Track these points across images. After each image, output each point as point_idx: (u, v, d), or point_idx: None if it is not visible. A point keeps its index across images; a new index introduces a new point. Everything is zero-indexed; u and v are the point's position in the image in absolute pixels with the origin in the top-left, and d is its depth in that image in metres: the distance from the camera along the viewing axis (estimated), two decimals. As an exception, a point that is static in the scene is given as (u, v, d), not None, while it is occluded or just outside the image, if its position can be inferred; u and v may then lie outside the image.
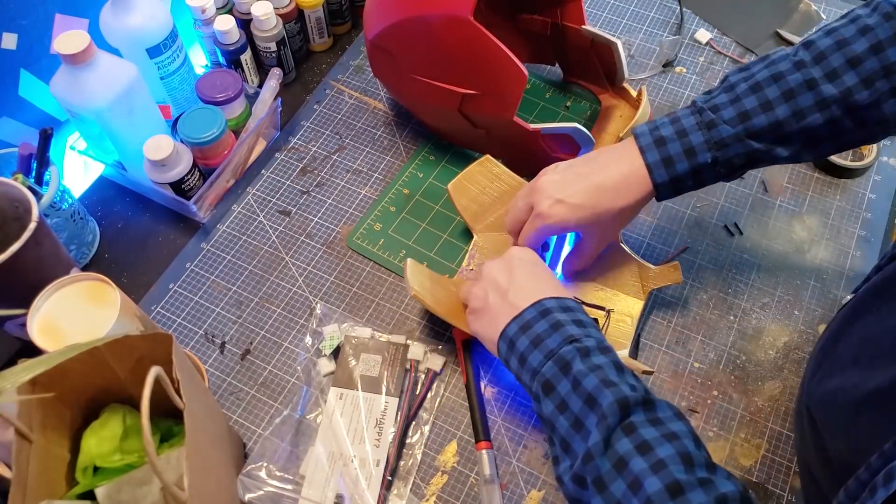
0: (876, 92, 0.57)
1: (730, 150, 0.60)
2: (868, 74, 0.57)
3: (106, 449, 0.54)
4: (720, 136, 0.60)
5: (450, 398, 0.70)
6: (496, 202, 0.75)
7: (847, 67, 0.58)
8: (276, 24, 0.86)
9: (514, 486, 0.65)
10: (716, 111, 0.60)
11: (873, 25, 0.58)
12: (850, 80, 0.58)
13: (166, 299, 0.76)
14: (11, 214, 0.65)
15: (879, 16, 0.58)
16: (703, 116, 0.61)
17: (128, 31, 0.76)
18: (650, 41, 0.97)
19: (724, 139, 0.60)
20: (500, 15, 0.88)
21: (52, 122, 0.82)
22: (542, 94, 0.92)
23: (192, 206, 0.77)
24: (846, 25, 0.59)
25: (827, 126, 0.59)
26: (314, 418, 0.68)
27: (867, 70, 0.57)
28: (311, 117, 0.90)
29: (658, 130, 0.62)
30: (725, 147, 0.60)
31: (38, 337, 0.55)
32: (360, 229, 0.80)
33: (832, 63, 0.58)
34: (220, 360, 0.72)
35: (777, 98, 0.59)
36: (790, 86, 0.59)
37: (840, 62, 0.58)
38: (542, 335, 0.56)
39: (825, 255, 0.79)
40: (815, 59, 0.59)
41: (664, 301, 0.75)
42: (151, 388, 0.42)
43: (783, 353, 0.72)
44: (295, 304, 0.76)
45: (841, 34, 0.59)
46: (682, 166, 0.61)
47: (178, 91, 0.85)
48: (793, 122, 0.59)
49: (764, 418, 0.68)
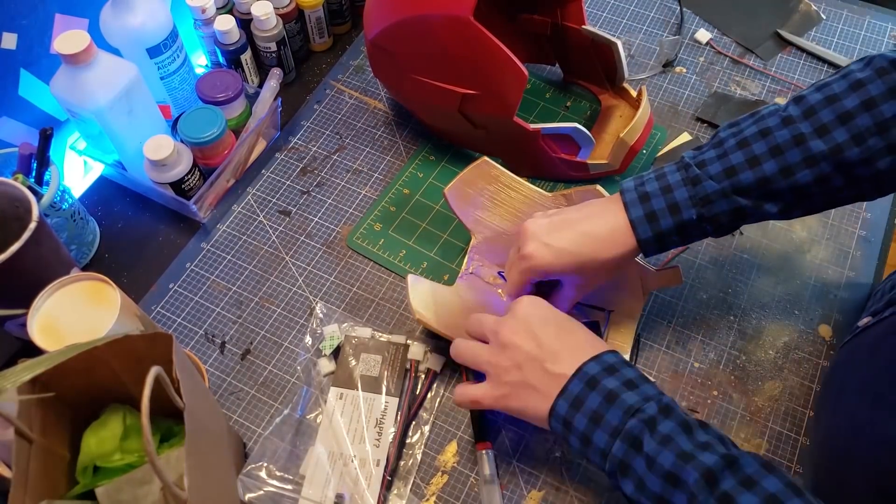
0: (868, 150, 0.56)
1: (715, 207, 0.59)
2: (859, 131, 0.55)
3: (106, 449, 0.54)
4: (705, 192, 0.58)
5: (450, 398, 0.70)
6: (495, 204, 0.75)
7: (837, 123, 0.56)
8: (276, 24, 0.86)
9: (514, 486, 0.65)
10: (702, 167, 0.59)
11: (865, 81, 0.56)
12: (840, 137, 0.56)
13: (166, 299, 0.76)
14: (12, 214, 0.65)
15: (872, 71, 0.56)
16: (688, 172, 0.60)
17: (128, 31, 0.76)
18: (650, 41, 0.97)
19: (708, 195, 0.58)
20: (500, 15, 0.88)
21: (52, 122, 0.82)
22: (542, 94, 0.92)
23: (192, 206, 0.77)
24: (838, 80, 0.58)
25: (816, 183, 0.58)
26: (314, 418, 0.68)
27: (858, 126, 0.55)
28: (312, 117, 0.90)
29: (643, 186, 0.61)
30: (710, 203, 0.59)
31: (38, 337, 0.55)
32: (360, 229, 0.80)
33: (822, 119, 0.57)
34: (220, 360, 0.72)
35: (764, 154, 0.58)
36: (777, 142, 0.57)
37: (830, 118, 0.56)
38: (598, 411, 0.52)
39: (825, 255, 0.79)
40: (805, 114, 0.57)
41: (664, 301, 0.75)
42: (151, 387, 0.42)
43: (783, 353, 0.72)
44: (295, 304, 0.76)
45: (832, 89, 0.57)
46: (666, 223, 0.59)
47: (178, 91, 0.85)
48: (780, 178, 0.57)
49: (764, 418, 0.68)
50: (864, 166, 0.56)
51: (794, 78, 0.93)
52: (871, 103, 0.55)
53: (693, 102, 0.91)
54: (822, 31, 0.98)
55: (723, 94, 0.91)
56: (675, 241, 0.61)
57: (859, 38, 0.97)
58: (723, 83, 0.93)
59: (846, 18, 0.99)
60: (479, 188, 0.75)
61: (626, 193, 0.61)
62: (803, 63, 0.94)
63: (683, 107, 0.91)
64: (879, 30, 0.98)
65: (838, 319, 0.74)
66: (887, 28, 0.98)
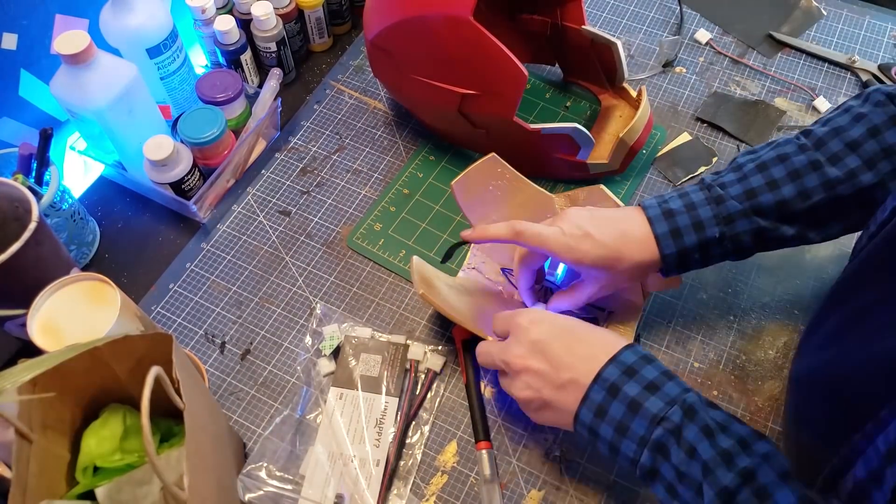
0: (879, 173, 0.58)
1: (737, 226, 0.60)
2: (869, 156, 0.59)
3: (106, 449, 0.54)
4: (728, 212, 0.60)
5: (450, 398, 0.70)
6: (500, 200, 0.75)
7: (848, 151, 0.59)
8: (276, 24, 0.86)
9: (514, 485, 0.65)
10: (724, 188, 0.61)
11: (867, 112, 0.60)
12: (853, 163, 0.59)
13: (166, 299, 0.76)
14: (11, 214, 0.65)
15: (871, 104, 0.60)
16: (711, 192, 0.61)
17: (128, 31, 0.76)
18: (650, 41, 0.97)
19: (731, 214, 0.60)
20: (500, 15, 0.88)
21: (52, 122, 0.82)
22: (542, 94, 0.92)
23: (192, 206, 0.77)
24: (840, 115, 0.61)
25: (833, 206, 0.60)
26: (314, 418, 0.68)
27: (868, 152, 0.59)
28: (311, 117, 0.90)
29: (667, 203, 0.62)
30: (733, 222, 0.60)
31: (38, 337, 0.55)
32: (360, 229, 0.80)
33: (832, 148, 0.60)
34: (220, 360, 0.72)
35: (783, 178, 0.60)
36: (796, 167, 0.60)
37: (839, 147, 0.60)
38: (623, 421, 0.53)
39: (825, 255, 0.79)
40: (816, 144, 0.61)
41: (664, 301, 0.75)
42: (151, 387, 0.42)
43: (783, 352, 0.72)
44: (295, 304, 0.76)
45: (836, 122, 0.61)
46: (690, 239, 0.61)
47: (178, 91, 0.85)
48: (798, 201, 0.60)
49: (764, 418, 0.68)
50: (879, 189, 0.59)
51: (794, 77, 0.93)
52: (876, 131, 0.59)
53: (693, 102, 0.91)
54: (822, 31, 0.98)
55: (723, 94, 0.91)
56: (696, 259, 0.62)
57: (859, 38, 0.97)
58: (723, 83, 0.93)
59: (846, 18, 0.99)
60: (485, 184, 0.75)
61: (649, 209, 0.62)
62: (803, 63, 0.94)
63: (683, 107, 0.91)
64: (879, 30, 0.98)
65: (838, 319, 0.74)
66: (887, 28, 0.98)
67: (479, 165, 0.74)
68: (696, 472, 0.50)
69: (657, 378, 0.54)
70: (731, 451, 0.49)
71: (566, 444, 0.67)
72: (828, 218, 0.61)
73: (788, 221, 0.61)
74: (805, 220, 0.61)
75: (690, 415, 0.52)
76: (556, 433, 0.67)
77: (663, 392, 0.53)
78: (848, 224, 0.62)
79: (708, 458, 0.49)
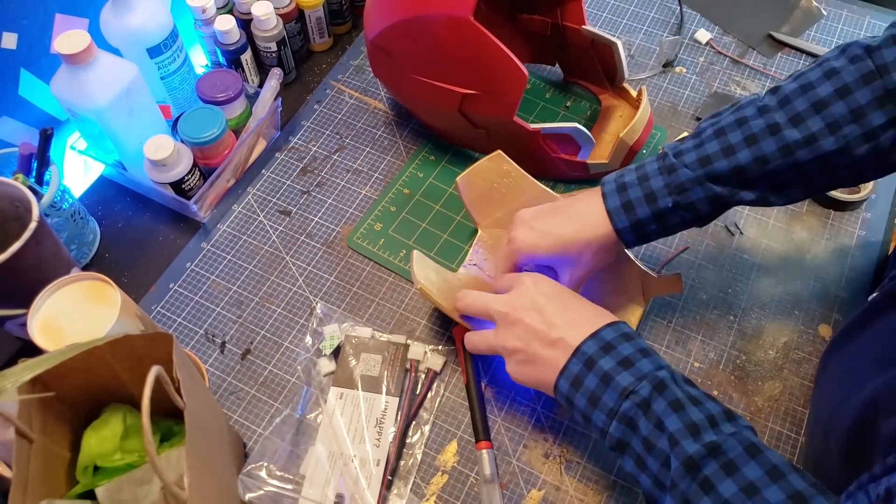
0: (844, 138, 0.56)
1: (691, 194, 0.60)
2: (834, 119, 0.56)
3: (106, 448, 0.54)
4: (680, 181, 0.60)
5: (450, 398, 0.70)
6: (504, 198, 0.75)
7: (812, 112, 0.57)
8: (276, 24, 0.86)
9: (514, 485, 0.65)
10: (679, 156, 0.61)
11: (839, 69, 0.57)
12: (815, 126, 0.57)
13: (166, 299, 0.76)
14: (12, 214, 0.65)
15: (846, 59, 0.57)
16: (665, 161, 0.61)
17: (128, 30, 0.76)
18: (650, 41, 0.97)
19: (683, 183, 0.60)
20: (500, 15, 0.88)
21: (52, 122, 0.82)
22: (542, 94, 0.92)
23: (192, 206, 0.77)
24: (813, 69, 0.59)
25: (791, 171, 0.59)
26: (314, 418, 0.68)
27: (832, 115, 0.56)
28: (312, 117, 0.90)
29: (622, 177, 0.63)
30: (686, 191, 0.60)
31: (38, 337, 0.55)
32: (360, 229, 0.80)
33: (797, 107, 0.57)
34: (221, 360, 0.72)
35: (739, 143, 0.59)
36: (753, 131, 0.58)
37: (804, 106, 0.57)
38: (595, 392, 0.54)
39: (825, 255, 0.79)
40: (780, 103, 0.58)
41: (664, 301, 0.75)
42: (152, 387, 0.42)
43: (783, 353, 0.72)
44: (295, 303, 0.76)
45: (807, 78, 0.58)
46: (643, 211, 0.61)
47: (178, 91, 0.85)
48: (755, 167, 0.58)
49: (764, 418, 0.68)
50: (841, 155, 0.57)
51: (794, 78, 0.93)
52: (846, 91, 0.56)
53: (693, 102, 0.91)
54: (822, 31, 0.98)
55: (723, 94, 0.91)
56: (654, 229, 0.62)
57: (859, 38, 0.96)
58: (723, 83, 0.93)
59: (846, 18, 0.99)
60: (490, 181, 0.75)
61: (605, 185, 0.64)
62: (804, 63, 0.94)
63: (683, 107, 0.91)
64: (879, 30, 0.98)
65: (838, 319, 0.74)
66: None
67: (484, 162, 0.74)
68: (663, 444, 0.50)
69: (632, 354, 0.55)
70: (699, 425, 0.50)
71: (566, 444, 0.67)
72: (788, 182, 0.60)
73: (747, 187, 0.60)
74: (764, 185, 0.60)
75: (660, 389, 0.52)
76: (556, 433, 0.67)
77: (636, 368, 0.54)
78: (810, 187, 0.61)
79: (675, 430, 0.50)
